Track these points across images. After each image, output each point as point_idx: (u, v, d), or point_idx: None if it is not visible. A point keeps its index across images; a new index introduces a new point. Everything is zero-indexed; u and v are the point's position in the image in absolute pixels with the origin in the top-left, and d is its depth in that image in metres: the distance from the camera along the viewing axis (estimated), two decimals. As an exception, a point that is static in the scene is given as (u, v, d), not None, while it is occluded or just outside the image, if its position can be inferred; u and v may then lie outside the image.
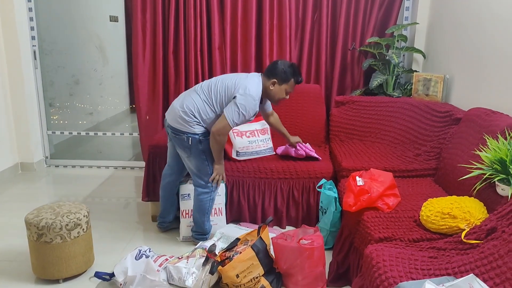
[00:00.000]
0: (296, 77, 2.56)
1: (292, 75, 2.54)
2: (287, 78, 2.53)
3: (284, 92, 2.58)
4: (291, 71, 2.54)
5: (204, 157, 2.57)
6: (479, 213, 1.83)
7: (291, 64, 2.56)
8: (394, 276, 1.55)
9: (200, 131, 2.52)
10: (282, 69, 2.52)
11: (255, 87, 2.48)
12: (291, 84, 2.56)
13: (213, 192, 2.67)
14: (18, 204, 3.40)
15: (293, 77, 2.54)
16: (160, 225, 2.91)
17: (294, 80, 2.56)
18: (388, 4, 3.55)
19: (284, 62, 2.56)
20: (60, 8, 3.99)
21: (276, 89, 2.55)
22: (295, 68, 2.57)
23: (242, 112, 2.41)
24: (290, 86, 2.57)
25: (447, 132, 2.66)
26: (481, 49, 2.69)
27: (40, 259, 2.25)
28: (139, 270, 2.23)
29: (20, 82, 3.91)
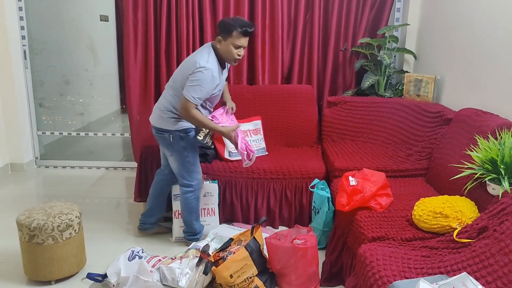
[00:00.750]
0: (239, 27, 2.38)
1: (234, 25, 2.38)
2: (229, 30, 2.38)
3: (232, 47, 2.41)
4: (232, 21, 2.40)
5: (186, 154, 2.56)
6: (471, 212, 1.86)
7: (234, 17, 2.46)
8: (387, 275, 1.56)
9: (180, 127, 2.51)
10: (223, 23, 2.42)
11: (204, 57, 2.40)
12: (236, 35, 2.39)
13: (197, 190, 2.65)
14: (8, 205, 3.37)
15: (235, 28, 2.38)
16: (141, 226, 2.85)
17: (237, 30, 2.38)
18: (379, 5, 3.57)
19: (228, 17, 2.46)
20: (51, 8, 3.96)
21: (223, 46, 2.43)
22: (237, 19, 2.43)
23: (198, 85, 2.35)
24: (236, 38, 2.39)
25: (438, 132, 2.69)
26: (471, 50, 2.72)
27: (32, 261, 2.23)
28: (132, 271, 2.22)
29: (9, 82, 3.86)
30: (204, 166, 2.90)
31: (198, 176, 2.66)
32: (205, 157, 3.00)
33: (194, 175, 2.64)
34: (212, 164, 2.97)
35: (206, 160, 2.98)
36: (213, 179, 2.87)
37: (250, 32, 2.43)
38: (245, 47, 2.47)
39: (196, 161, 2.64)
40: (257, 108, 3.44)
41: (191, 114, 2.41)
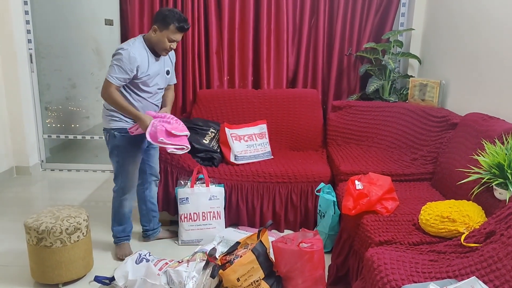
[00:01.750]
0: (177, 22, 2.35)
1: (172, 19, 2.34)
2: (167, 23, 2.35)
3: (166, 39, 2.38)
4: (171, 15, 2.35)
5: (116, 153, 2.52)
6: (478, 217, 1.86)
7: (173, 9, 2.41)
8: (396, 279, 1.56)
9: (114, 126, 2.48)
10: (161, 14, 2.37)
11: (128, 42, 2.39)
12: (172, 29, 2.36)
13: (118, 197, 2.62)
14: (13, 208, 3.38)
15: (172, 22, 2.34)
16: (143, 234, 2.88)
17: (174, 25, 2.35)
18: (384, 10, 3.59)
19: (167, 8, 2.40)
20: (56, 12, 3.98)
21: (157, 35, 2.38)
22: (175, 13, 2.37)
23: (115, 64, 2.31)
24: (171, 32, 2.36)
25: (443, 136, 2.70)
26: (476, 54, 2.73)
27: (40, 263, 2.24)
28: (140, 274, 2.23)
29: (16, 85, 3.89)
30: (211, 170, 2.92)
31: (124, 182, 2.57)
32: (211, 160, 3.01)
33: (119, 179, 2.58)
34: (218, 167, 2.98)
35: (212, 164, 3.00)
36: (219, 183, 2.88)
37: (186, 29, 2.41)
38: (178, 41, 2.45)
39: (126, 165, 2.52)
40: (262, 112, 3.46)
41: (109, 94, 2.34)
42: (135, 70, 2.35)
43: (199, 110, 3.47)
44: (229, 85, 3.75)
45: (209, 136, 3.16)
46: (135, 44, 2.38)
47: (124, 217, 2.68)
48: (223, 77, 3.71)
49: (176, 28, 2.37)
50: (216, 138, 3.19)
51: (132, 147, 2.51)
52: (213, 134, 3.19)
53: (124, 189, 2.59)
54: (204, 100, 3.49)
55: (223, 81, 3.72)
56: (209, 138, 3.15)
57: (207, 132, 3.18)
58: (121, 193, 2.60)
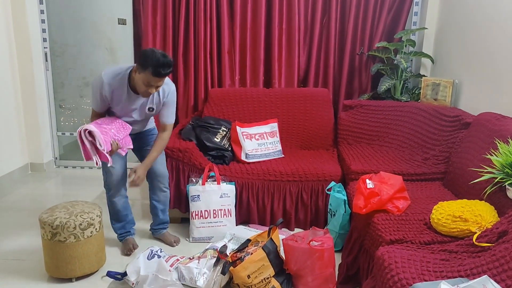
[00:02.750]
0: (151, 67, 2.13)
1: (150, 63, 2.13)
2: (144, 66, 2.16)
3: (142, 82, 2.20)
4: (150, 57, 2.14)
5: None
6: (490, 217, 1.85)
7: (153, 50, 2.18)
8: (407, 277, 1.56)
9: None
10: (142, 53, 2.20)
11: (112, 70, 2.32)
12: (148, 73, 2.16)
13: (106, 194, 2.63)
14: (28, 204, 3.44)
15: (150, 66, 2.13)
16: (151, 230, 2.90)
17: (151, 70, 2.14)
18: (396, 9, 3.58)
19: (153, 49, 2.20)
20: (71, 11, 4.04)
21: (136, 76, 2.23)
22: (155, 56, 2.15)
23: (93, 90, 2.34)
24: (147, 76, 2.16)
25: (456, 136, 2.69)
26: (490, 54, 2.71)
27: (54, 258, 2.28)
28: (151, 270, 2.26)
29: (31, 83, 3.95)
30: (222, 168, 2.94)
31: (105, 179, 2.60)
32: (222, 159, 3.03)
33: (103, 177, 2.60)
34: (229, 165, 3.00)
35: (223, 162, 3.02)
36: (230, 181, 2.90)
37: (163, 74, 2.18)
38: (159, 86, 2.28)
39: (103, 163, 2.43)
40: (273, 111, 3.47)
41: (90, 120, 2.44)
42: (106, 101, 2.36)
43: (210, 108, 3.49)
44: (240, 84, 3.76)
45: (220, 134, 3.18)
46: (112, 74, 2.31)
47: (119, 214, 2.68)
48: (234, 76, 3.73)
49: (151, 74, 2.16)
50: (227, 137, 3.21)
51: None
52: (224, 132, 3.21)
53: (107, 186, 2.61)
54: (215, 98, 3.51)
55: (235, 80, 3.74)
56: (221, 136, 3.17)
57: (218, 130, 3.20)
58: (106, 191, 2.64)
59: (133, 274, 2.28)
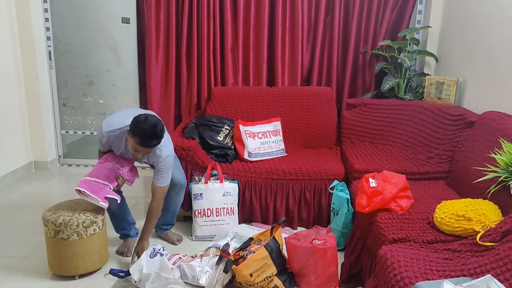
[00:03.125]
0: (138, 137, 2.17)
1: (137, 133, 2.17)
2: (133, 133, 2.19)
3: (131, 147, 2.25)
4: (140, 127, 2.17)
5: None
6: (494, 216, 1.84)
7: (142, 121, 2.18)
8: (409, 276, 1.56)
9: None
10: (133, 122, 2.21)
11: (112, 122, 2.39)
12: (135, 141, 2.19)
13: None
14: (31, 202, 3.45)
15: (137, 135, 2.17)
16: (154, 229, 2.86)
17: (137, 140, 2.18)
18: (400, 8, 3.56)
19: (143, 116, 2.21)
20: (75, 10, 4.04)
21: (128, 139, 2.26)
22: (144, 126, 2.17)
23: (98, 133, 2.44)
24: (135, 144, 2.20)
25: (460, 135, 2.67)
26: (494, 52, 2.69)
27: (57, 256, 2.29)
28: (154, 268, 2.26)
29: (35, 82, 3.97)
30: (225, 166, 2.94)
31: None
32: (225, 157, 3.03)
33: None
34: (232, 164, 3.00)
35: (226, 161, 3.02)
36: (232, 179, 2.90)
37: (150, 145, 2.22)
38: (147, 153, 2.30)
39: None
40: (276, 109, 3.47)
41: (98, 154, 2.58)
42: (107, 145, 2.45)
43: (213, 107, 3.49)
44: (243, 82, 3.76)
45: (223, 133, 3.18)
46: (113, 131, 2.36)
47: (115, 217, 2.67)
48: (237, 75, 3.72)
49: (138, 143, 2.19)
50: (230, 135, 3.21)
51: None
52: (227, 131, 3.21)
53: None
54: (218, 97, 3.51)
55: (238, 79, 3.73)
56: (224, 135, 3.17)
57: (221, 129, 3.20)
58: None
59: (135, 272, 2.28)
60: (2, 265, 2.51)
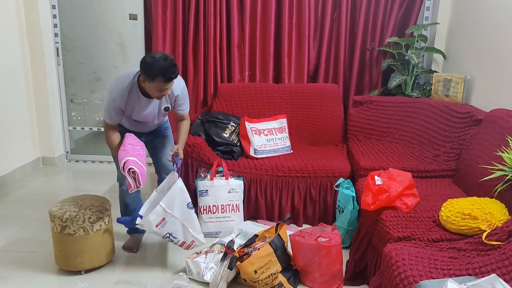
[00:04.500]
0: (161, 76, 2.18)
1: (157, 74, 2.17)
2: (152, 76, 2.19)
3: (155, 90, 2.26)
4: (156, 68, 2.17)
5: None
6: (501, 215, 1.82)
7: (157, 59, 2.17)
8: (414, 275, 1.55)
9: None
10: (145, 64, 2.20)
11: (123, 79, 2.32)
12: (158, 82, 2.20)
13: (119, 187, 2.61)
14: (39, 197, 3.48)
15: (158, 77, 2.18)
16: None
17: (161, 79, 2.19)
18: (408, 4, 3.53)
19: (149, 58, 2.19)
20: (82, 6, 4.07)
21: (147, 86, 2.27)
22: (159, 64, 2.17)
23: (106, 105, 2.35)
24: (159, 84, 2.22)
25: (467, 133, 2.65)
26: (503, 50, 2.66)
27: (63, 251, 2.31)
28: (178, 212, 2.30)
29: (43, 78, 3.99)
30: (230, 163, 2.94)
31: (118, 173, 2.55)
32: (231, 154, 3.04)
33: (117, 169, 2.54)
34: (238, 161, 3.00)
35: (232, 157, 3.02)
36: (238, 176, 2.90)
37: (174, 77, 2.24)
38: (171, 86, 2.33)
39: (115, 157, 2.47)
40: (282, 106, 3.46)
41: (105, 132, 2.43)
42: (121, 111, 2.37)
43: (219, 103, 3.50)
44: (250, 79, 3.76)
45: (229, 129, 3.19)
46: (123, 86, 2.31)
47: (127, 208, 2.66)
48: (244, 71, 3.72)
49: (163, 81, 2.21)
50: (236, 132, 3.21)
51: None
52: (233, 127, 3.21)
53: (120, 180, 2.60)
54: (225, 93, 3.51)
55: (244, 75, 3.73)
56: (229, 131, 3.17)
57: (227, 125, 3.20)
58: (119, 184, 2.62)
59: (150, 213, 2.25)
60: (10, 259, 2.53)
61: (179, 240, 2.35)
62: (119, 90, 2.31)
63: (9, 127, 3.72)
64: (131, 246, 2.66)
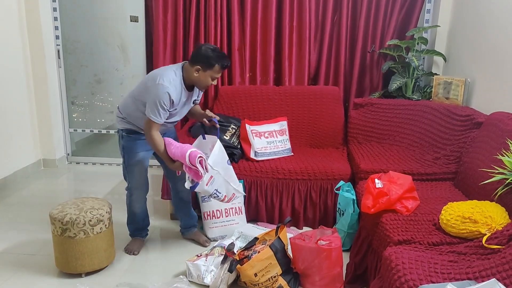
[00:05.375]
0: (221, 62, 2.38)
1: (216, 60, 2.36)
2: (211, 64, 2.35)
3: (210, 78, 2.41)
4: (215, 56, 2.36)
5: (123, 154, 2.54)
6: (501, 218, 1.82)
7: (214, 48, 2.39)
8: (413, 279, 1.55)
9: (123, 127, 2.51)
10: (205, 55, 2.35)
11: (170, 76, 2.34)
12: (216, 70, 2.39)
13: (129, 196, 2.62)
14: (40, 200, 3.49)
15: (217, 62, 2.36)
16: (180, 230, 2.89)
17: (219, 65, 2.38)
18: (409, 6, 3.53)
19: (208, 47, 2.39)
20: (83, 9, 4.08)
21: (200, 76, 2.38)
22: (218, 53, 2.40)
23: (156, 103, 2.29)
24: (215, 72, 2.40)
25: (467, 136, 2.65)
26: (503, 52, 2.66)
27: (64, 253, 2.31)
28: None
29: (44, 80, 4.01)
30: (230, 166, 2.94)
31: (131, 183, 2.58)
32: (231, 156, 3.03)
33: (127, 179, 2.59)
34: (238, 163, 3.00)
35: (232, 160, 3.02)
36: (239, 179, 2.89)
37: (227, 66, 2.50)
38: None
39: (131, 166, 2.52)
40: (283, 108, 3.46)
41: (150, 134, 2.36)
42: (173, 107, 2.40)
43: (220, 106, 3.50)
44: (250, 81, 3.76)
45: (229, 132, 3.19)
46: (175, 81, 2.36)
47: (135, 217, 2.69)
48: (244, 74, 3.72)
49: (221, 68, 2.41)
50: (236, 134, 3.21)
51: (138, 149, 2.51)
52: (233, 130, 3.21)
53: (131, 189, 2.61)
54: (225, 96, 3.52)
55: (245, 78, 3.73)
56: (230, 134, 3.18)
57: (228, 128, 3.20)
58: (129, 193, 2.62)
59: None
60: (10, 261, 2.54)
61: (222, 195, 2.44)
62: (173, 83, 2.34)
63: (10, 129, 3.73)
64: (133, 248, 2.66)
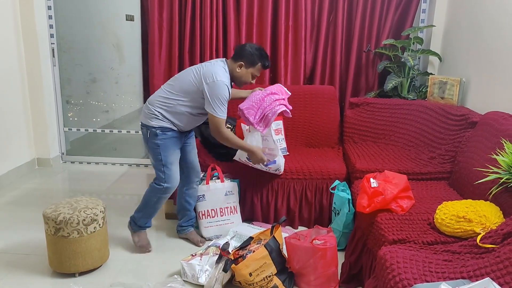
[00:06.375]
0: (263, 61, 2.52)
1: (259, 59, 2.50)
2: (254, 62, 2.49)
3: (250, 76, 2.54)
4: (259, 54, 2.50)
5: (159, 152, 2.50)
6: (495, 217, 1.82)
7: (258, 48, 2.53)
8: (408, 278, 1.55)
9: (157, 125, 2.47)
10: (249, 52, 2.48)
11: (222, 72, 2.43)
12: (257, 68, 2.52)
13: (159, 193, 2.56)
14: (34, 199, 3.47)
15: (260, 61, 2.51)
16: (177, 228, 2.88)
17: (261, 64, 2.53)
18: (404, 6, 3.54)
19: (252, 45, 2.53)
20: (78, 7, 4.06)
21: (242, 72, 2.51)
22: (262, 52, 2.53)
23: (219, 99, 2.38)
24: (257, 70, 2.53)
25: (462, 135, 2.65)
26: (498, 52, 2.67)
27: (57, 253, 2.30)
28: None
29: (38, 79, 3.98)
30: (226, 165, 2.94)
31: (168, 183, 2.53)
32: (227, 156, 3.02)
33: (166, 177, 2.53)
34: (233, 163, 2.99)
35: (228, 159, 3.01)
36: (234, 178, 2.89)
37: (269, 67, 2.65)
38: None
39: (169, 164, 2.51)
40: (278, 108, 3.45)
41: (222, 133, 2.45)
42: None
43: (216, 105, 3.48)
44: (246, 81, 3.75)
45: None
46: (227, 77, 2.45)
47: (155, 212, 2.66)
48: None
49: (262, 67, 2.54)
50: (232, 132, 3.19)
51: (175, 146, 2.53)
52: (229, 129, 3.20)
53: (167, 189, 2.55)
54: (221, 95, 3.50)
55: (241, 77, 3.72)
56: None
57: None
58: (162, 191, 2.55)
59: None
60: (4, 261, 2.52)
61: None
62: (227, 78, 2.44)
63: (4, 128, 3.70)
64: (144, 244, 2.65)
